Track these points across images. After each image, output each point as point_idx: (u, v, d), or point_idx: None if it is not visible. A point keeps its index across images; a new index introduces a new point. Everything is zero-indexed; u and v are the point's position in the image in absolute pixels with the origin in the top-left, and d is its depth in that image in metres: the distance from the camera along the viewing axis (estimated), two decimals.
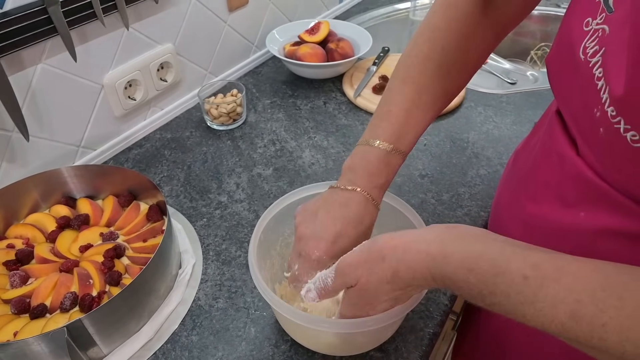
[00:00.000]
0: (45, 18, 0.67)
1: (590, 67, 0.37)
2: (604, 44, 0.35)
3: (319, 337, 0.54)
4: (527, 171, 0.53)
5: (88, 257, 0.63)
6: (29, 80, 0.70)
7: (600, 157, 0.39)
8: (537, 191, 0.49)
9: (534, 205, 0.49)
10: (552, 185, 0.46)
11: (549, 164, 0.47)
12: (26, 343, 0.49)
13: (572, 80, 0.41)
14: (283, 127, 0.94)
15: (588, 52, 0.37)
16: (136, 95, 0.87)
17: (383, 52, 1.13)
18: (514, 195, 0.55)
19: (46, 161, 0.77)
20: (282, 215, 0.59)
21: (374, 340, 0.55)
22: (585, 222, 0.41)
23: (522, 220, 0.52)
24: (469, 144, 0.88)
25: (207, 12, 0.95)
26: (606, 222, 0.40)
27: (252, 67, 1.13)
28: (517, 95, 1.01)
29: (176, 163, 0.85)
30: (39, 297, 0.58)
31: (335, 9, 1.37)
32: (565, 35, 0.42)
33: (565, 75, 0.43)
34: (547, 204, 0.47)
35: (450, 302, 0.62)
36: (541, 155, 0.50)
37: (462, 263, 0.35)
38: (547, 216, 0.46)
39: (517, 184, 0.55)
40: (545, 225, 0.47)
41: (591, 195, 0.41)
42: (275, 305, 0.49)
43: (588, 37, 0.38)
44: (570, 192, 0.43)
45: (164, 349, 0.57)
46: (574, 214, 0.42)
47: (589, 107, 0.38)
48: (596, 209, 0.40)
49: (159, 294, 0.60)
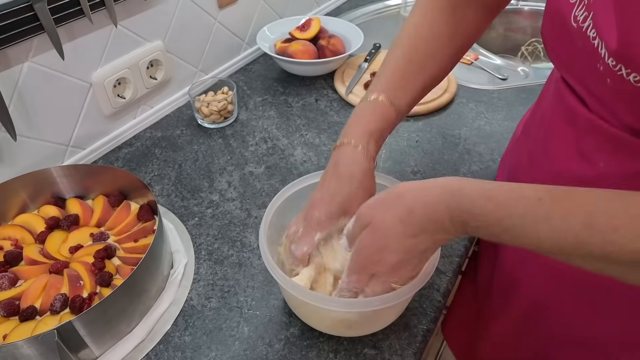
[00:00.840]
0: (32, 15, 0.66)
1: (584, 31, 0.40)
2: (592, 9, 0.39)
3: (324, 315, 0.54)
4: (542, 136, 0.55)
5: (78, 258, 0.62)
6: (16, 79, 0.69)
7: (611, 107, 0.41)
8: (556, 151, 0.51)
9: (553, 164, 0.51)
10: (570, 143, 0.48)
11: (565, 124, 0.49)
12: (15, 346, 0.48)
13: (569, 46, 0.43)
14: (275, 125, 0.93)
15: (579, 20, 0.40)
16: (125, 93, 0.86)
17: (374, 49, 1.12)
18: (532, 160, 0.57)
19: (34, 161, 0.76)
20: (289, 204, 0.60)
21: (379, 320, 0.56)
22: (604, 170, 0.44)
23: (546, 179, 0.53)
24: (460, 140, 0.88)
25: (197, 9, 0.94)
26: (626, 167, 0.42)
27: (242, 64, 1.13)
28: (508, 91, 1.01)
29: (167, 162, 0.85)
30: (29, 299, 0.57)
31: (326, 6, 1.37)
32: (554, 8, 0.45)
33: (562, 44, 0.46)
34: (567, 161, 0.49)
35: (442, 297, 0.62)
36: (554, 120, 0.52)
37: (480, 192, 0.39)
38: (569, 172, 0.49)
39: (533, 149, 0.58)
40: (567, 181, 0.48)
41: (607, 144, 0.43)
42: (284, 284, 0.50)
43: (576, 7, 0.41)
44: (587, 146, 0.46)
45: (156, 350, 0.57)
46: (594, 165, 0.45)
47: (591, 64, 0.40)
48: (615, 157, 0.43)
49: (150, 294, 0.59)
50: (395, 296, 0.47)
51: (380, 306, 0.47)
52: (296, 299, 0.52)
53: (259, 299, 0.62)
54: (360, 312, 0.50)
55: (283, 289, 0.55)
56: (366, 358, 0.55)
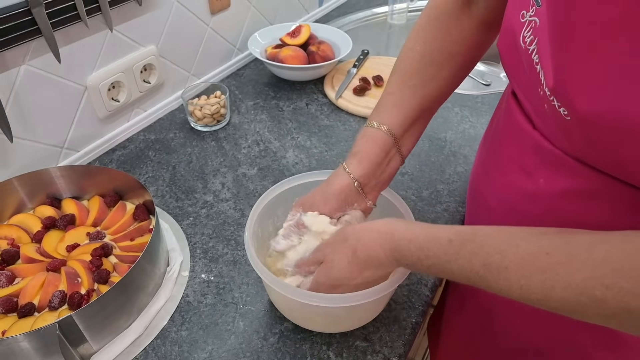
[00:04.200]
0: (29, 19, 0.67)
1: (530, 54, 0.42)
2: (537, 34, 0.40)
3: (307, 313, 0.57)
4: (494, 148, 0.58)
5: (75, 256, 0.63)
6: (12, 81, 0.70)
7: (550, 129, 0.44)
8: (503, 164, 0.54)
9: (502, 177, 0.54)
10: (514, 157, 0.51)
11: (511, 139, 0.53)
12: (15, 340, 0.49)
13: (518, 64, 0.46)
14: (266, 128, 0.95)
15: (526, 41, 0.42)
16: (120, 96, 0.88)
17: (363, 55, 1.16)
18: (486, 169, 0.60)
19: (29, 162, 0.77)
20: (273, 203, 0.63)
21: (358, 317, 0.58)
22: (544, 187, 0.47)
23: (495, 191, 0.56)
24: (446, 142, 0.91)
25: (190, 15, 0.96)
26: (562, 185, 0.45)
27: (234, 69, 1.15)
28: (491, 96, 1.05)
29: (161, 164, 0.86)
30: (27, 295, 0.58)
31: (315, 13, 1.40)
32: (507, 26, 0.47)
33: (513, 60, 0.48)
34: (512, 175, 0.52)
35: (431, 292, 0.65)
36: (503, 133, 0.55)
37: (405, 235, 0.45)
38: (513, 185, 0.52)
39: (487, 160, 0.60)
40: (513, 193, 0.52)
41: (548, 162, 0.46)
42: (270, 282, 0.52)
43: (525, 28, 0.43)
44: (530, 162, 0.48)
45: (154, 345, 0.58)
46: (535, 181, 0.48)
47: (534, 87, 0.42)
48: (553, 175, 0.46)
49: (147, 290, 0.61)
50: (376, 291, 0.50)
51: (361, 301, 0.49)
52: (283, 300, 0.55)
53: (253, 295, 0.64)
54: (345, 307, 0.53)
55: (268, 287, 0.57)
56: (358, 350, 0.58)
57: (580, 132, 0.38)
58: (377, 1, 1.51)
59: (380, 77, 1.06)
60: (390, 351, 0.57)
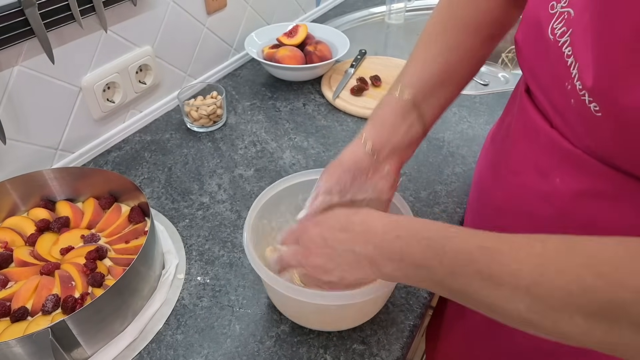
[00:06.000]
0: (22, 20, 0.66)
1: (560, 46, 0.40)
2: (571, 26, 0.38)
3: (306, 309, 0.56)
4: (506, 148, 0.57)
5: (69, 260, 0.62)
6: (6, 83, 0.70)
7: (573, 126, 0.43)
8: (516, 164, 0.53)
9: (513, 177, 0.53)
10: (528, 157, 0.50)
11: (525, 138, 0.51)
12: (8, 345, 0.48)
13: (542, 58, 0.44)
14: (263, 129, 0.95)
15: (556, 33, 0.40)
16: (115, 97, 0.87)
17: (360, 55, 1.15)
18: (495, 170, 0.59)
19: (23, 164, 0.76)
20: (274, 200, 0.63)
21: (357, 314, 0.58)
22: (560, 187, 0.46)
23: (506, 191, 0.55)
24: (444, 143, 0.91)
25: (186, 15, 0.96)
26: (580, 185, 0.43)
27: (231, 69, 1.14)
28: (489, 96, 1.05)
29: (156, 165, 0.85)
30: (20, 300, 0.57)
31: (312, 13, 1.39)
32: (532, 16, 0.45)
33: (535, 54, 0.46)
34: (525, 175, 0.51)
35: (429, 294, 0.64)
36: (517, 133, 0.53)
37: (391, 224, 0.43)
38: (526, 185, 0.50)
39: (497, 160, 0.59)
40: (526, 193, 0.51)
41: (566, 162, 0.45)
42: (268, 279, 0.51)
43: (555, 19, 0.41)
44: (545, 162, 0.47)
45: (148, 349, 0.57)
46: (550, 181, 0.47)
47: (560, 81, 0.41)
48: (571, 175, 0.44)
49: (142, 294, 0.60)
50: (375, 288, 0.49)
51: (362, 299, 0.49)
52: (280, 296, 0.54)
53: (250, 297, 0.63)
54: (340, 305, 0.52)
55: (266, 284, 0.57)
56: (355, 353, 0.57)
57: (611, 128, 0.37)
58: (374, 1, 1.50)
59: (377, 77, 1.06)
60: (388, 354, 0.57)
